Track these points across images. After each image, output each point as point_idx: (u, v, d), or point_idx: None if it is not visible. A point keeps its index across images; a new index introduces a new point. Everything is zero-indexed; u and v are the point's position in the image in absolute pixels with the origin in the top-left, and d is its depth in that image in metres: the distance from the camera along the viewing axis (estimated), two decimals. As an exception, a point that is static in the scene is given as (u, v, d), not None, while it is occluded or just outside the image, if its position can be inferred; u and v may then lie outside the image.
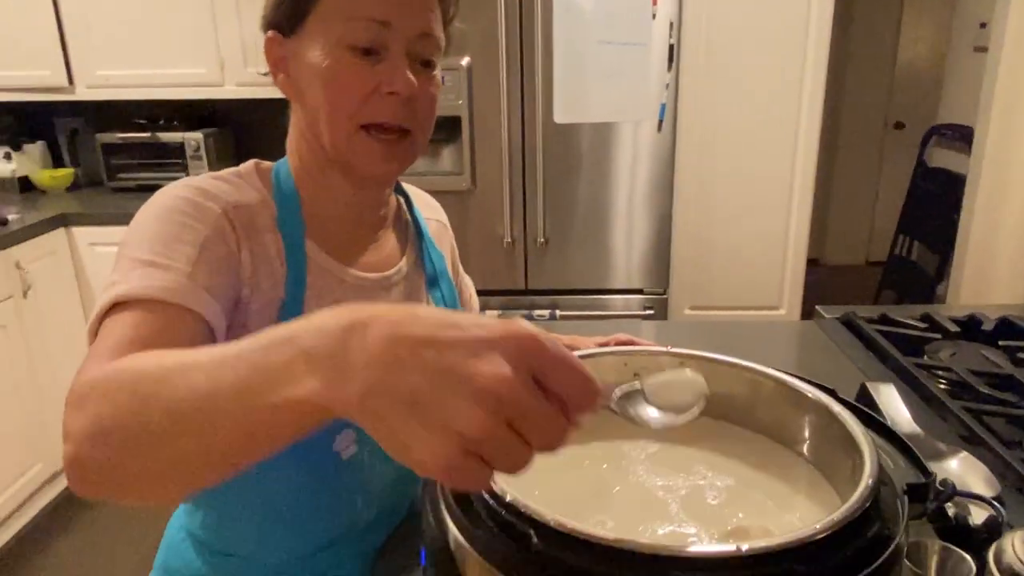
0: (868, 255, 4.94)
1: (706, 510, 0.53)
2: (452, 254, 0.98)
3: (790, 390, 0.58)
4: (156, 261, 0.62)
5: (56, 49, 2.66)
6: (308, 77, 0.71)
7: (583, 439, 0.61)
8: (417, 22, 0.71)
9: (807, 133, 2.48)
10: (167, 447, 0.44)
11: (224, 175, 0.75)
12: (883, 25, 4.50)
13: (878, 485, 0.45)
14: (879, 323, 1.36)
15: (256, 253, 0.71)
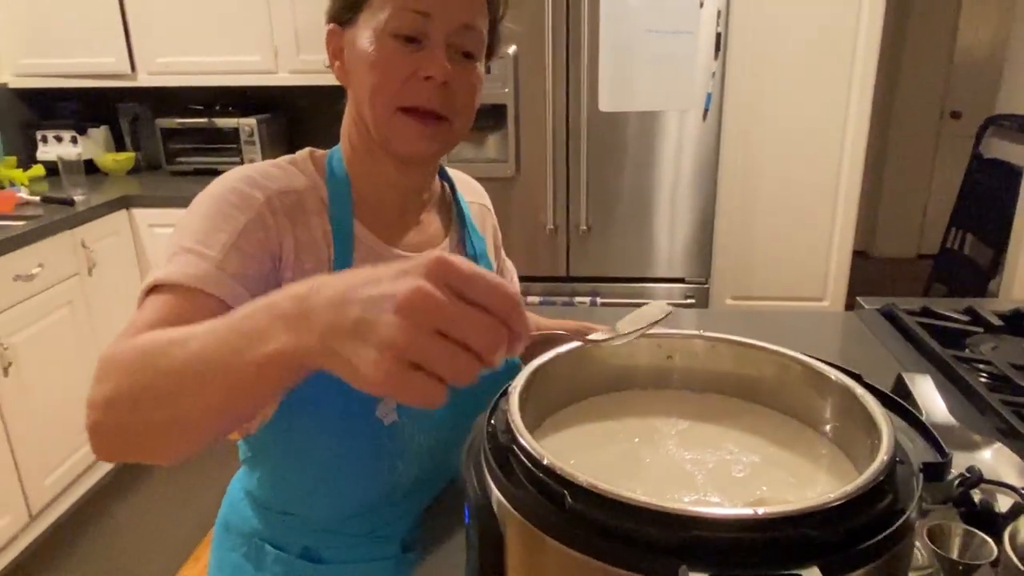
0: (919, 248, 4.83)
1: (731, 483, 0.56)
2: (495, 237, 1.02)
3: (816, 373, 0.61)
4: (194, 249, 0.69)
5: (120, 38, 2.77)
6: (357, 62, 0.77)
7: (617, 415, 0.65)
8: (457, 15, 0.75)
9: (856, 123, 2.45)
10: (169, 407, 0.52)
11: (278, 162, 0.81)
12: (942, 10, 4.38)
13: (893, 462, 0.48)
14: (920, 315, 1.36)
15: (300, 237, 0.76)
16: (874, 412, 0.53)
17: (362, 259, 0.80)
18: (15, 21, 2.81)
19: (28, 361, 2.19)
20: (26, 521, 2.22)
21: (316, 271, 0.77)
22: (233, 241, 0.71)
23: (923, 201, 4.74)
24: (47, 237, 2.27)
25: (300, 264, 0.76)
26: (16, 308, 2.15)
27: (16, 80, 2.90)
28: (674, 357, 0.67)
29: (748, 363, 0.65)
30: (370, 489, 0.83)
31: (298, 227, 0.76)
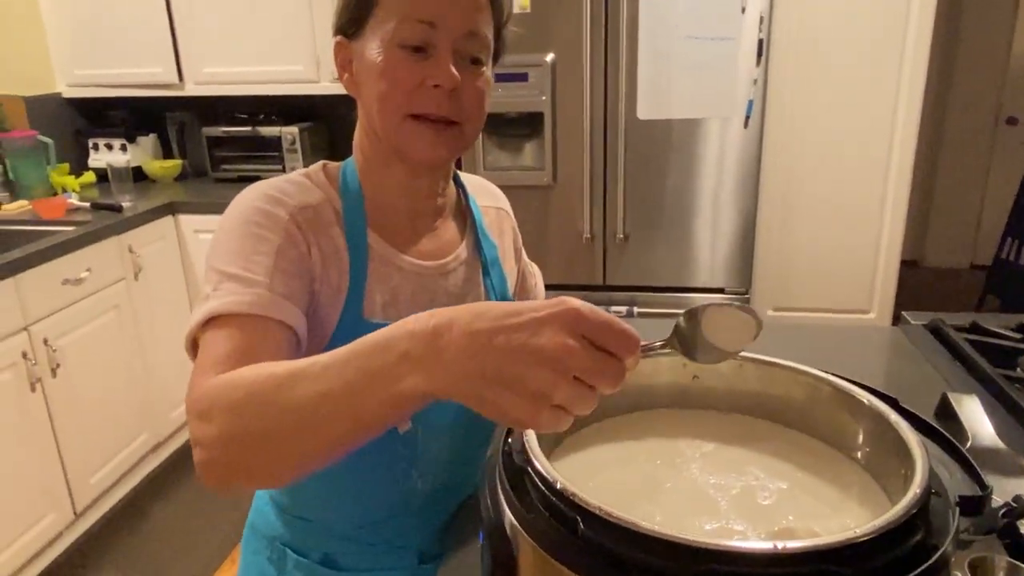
0: (973, 258, 4.67)
1: (756, 510, 0.54)
2: (514, 240, 1.02)
3: (847, 396, 0.58)
4: (239, 275, 0.70)
5: (168, 49, 2.85)
6: (366, 73, 0.78)
7: (640, 435, 0.63)
8: (462, 23, 0.75)
9: (904, 130, 2.37)
10: (289, 443, 0.55)
11: (292, 177, 0.82)
12: (997, 13, 4.23)
13: (927, 494, 0.45)
14: (968, 332, 1.31)
15: (324, 249, 0.78)
16: (908, 440, 0.50)
17: (377, 268, 0.81)
18: (69, 33, 2.91)
19: (75, 363, 2.25)
20: (71, 519, 2.29)
21: (339, 281, 0.78)
22: (274, 262, 0.72)
23: (977, 209, 4.58)
24: (95, 242, 2.33)
25: (327, 275, 0.78)
26: (64, 311, 2.21)
27: (69, 90, 3.00)
28: (700, 376, 0.64)
29: (776, 383, 0.63)
30: (386, 497, 0.83)
31: (321, 239, 0.78)
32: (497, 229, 0.97)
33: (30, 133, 2.73)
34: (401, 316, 0.80)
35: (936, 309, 1.42)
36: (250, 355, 0.65)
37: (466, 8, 0.76)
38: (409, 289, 0.83)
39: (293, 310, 0.71)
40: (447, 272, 0.87)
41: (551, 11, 2.27)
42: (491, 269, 0.92)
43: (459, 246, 0.90)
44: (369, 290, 0.80)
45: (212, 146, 3.01)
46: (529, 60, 2.33)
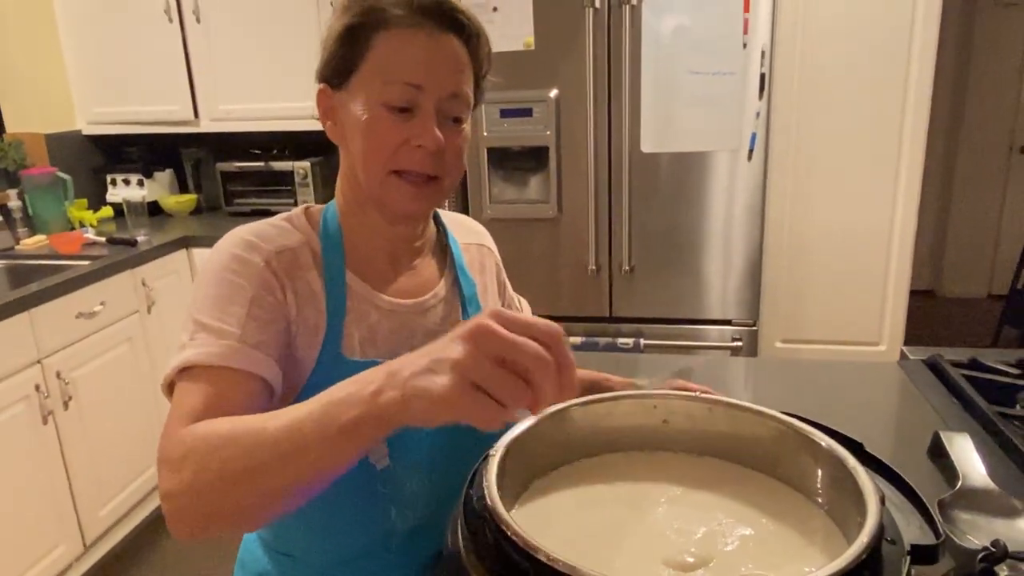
0: (990, 288, 4.61)
1: (716, 556, 0.54)
2: (497, 275, 1.03)
3: (810, 441, 0.59)
4: (213, 326, 0.73)
5: (184, 87, 2.93)
6: (351, 127, 0.80)
7: (609, 479, 0.63)
8: (447, 85, 0.78)
9: (909, 160, 2.37)
10: (262, 481, 0.58)
11: (274, 220, 0.84)
12: (1008, 43, 4.23)
13: (877, 542, 0.45)
14: (967, 367, 1.30)
15: (300, 292, 0.80)
16: (864, 487, 0.50)
17: (354, 307, 0.83)
18: (89, 73, 3.00)
19: (87, 395, 2.29)
20: (81, 551, 2.30)
21: (316, 321, 0.80)
22: (247, 311, 0.74)
23: (993, 238, 4.53)
24: (110, 276, 2.38)
25: (303, 316, 0.80)
26: (78, 345, 2.25)
27: (89, 127, 3.08)
28: (669, 421, 0.65)
29: (744, 427, 0.63)
30: (365, 535, 0.84)
31: (297, 282, 0.80)
32: (478, 266, 0.99)
33: (49, 169, 2.81)
34: (380, 354, 0.83)
35: (952, 340, 1.41)
36: (221, 407, 0.68)
37: (451, 70, 0.78)
38: (387, 327, 0.85)
39: (264, 360, 0.73)
40: (425, 310, 0.88)
41: (555, 48, 2.31)
42: (469, 306, 0.93)
43: (438, 284, 0.91)
44: (348, 329, 0.82)
45: (226, 181, 3.07)
46: (534, 96, 2.36)
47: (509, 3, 2.29)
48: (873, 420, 1.20)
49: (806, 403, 1.30)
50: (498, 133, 2.42)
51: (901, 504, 0.53)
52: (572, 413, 0.63)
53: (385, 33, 0.77)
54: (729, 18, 2.22)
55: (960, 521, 0.85)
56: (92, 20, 2.93)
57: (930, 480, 0.99)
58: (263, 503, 0.60)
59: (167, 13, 2.84)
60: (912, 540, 0.48)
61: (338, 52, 0.80)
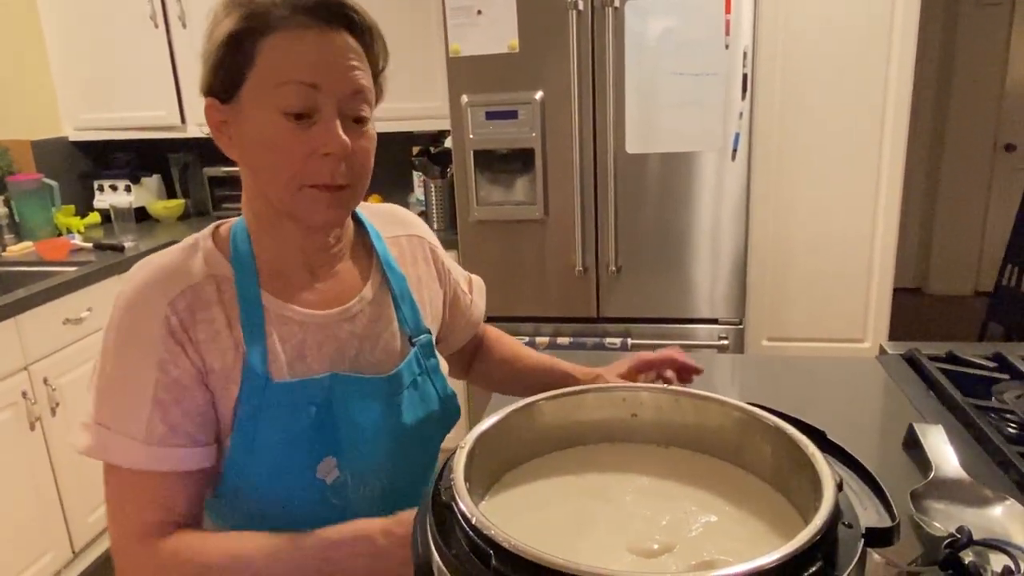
0: (976, 285, 4.65)
1: (680, 542, 0.55)
2: (434, 263, 0.99)
3: (773, 430, 0.60)
4: (117, 429, 0.74)
5: (171, 93, 2.93)
6: (249, 142, 0.75)
7: (578, 470, 0.64)
8: (346, 81, 0.74)
9: (891, 158, 2.40)
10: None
11: (174, 250, 0.80)
12: (990, 43, 4.27)
13: (829, 526, 0.47)
14: (944, 361, 1.31)
15: (200, 339, 0.76)
16: (821, 473, 0.52)
17: (276, 329, 0.80)
18: (75, 79, 3.00)
19: (75, 402, 2.29)
20: (70, 557, 2.30)
21: (223, 364, 0.77)
22: (151, 408, 0.74)
23: (979, 236, 4.57)
24: (96, 282, 2.38)
25: (208, 362, 0.77)
26: (65, 351, 2.25)
27: (76, 133, 3.08)
28: (638, 413, 0.66)
29: (711, 417, 0.64)
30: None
31: (197, 328, 0.76)
32: (410, 257, 0.95)
33: (35, 176, 2.81)
34: (311, 370, 0.81)
35: (939, 337, 1.42)
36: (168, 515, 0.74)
37: (347, 67, 0.74)
38: (315, 341, 0.82)
39: (176, 453, 0.74)
40: (352, 316, 0.85)
41: (539, 51, 2.33)
42: (402, 302, 0.90)
43: (364, 286, 0.88)
44: (272, 352, 0.79)
45: (214, 186, 3.07)
46: (519, 98, 2.38)
47: (493, 6, 2.31)
48: (851, 413, 1.22)
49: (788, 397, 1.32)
50: (484, 136, 2.43)
51: (861, 490, 0.54)
52: (541, 407, 0.64)
53: (271, 38, 0.72)
54: (711, 19, 2.24)
55: (932, 510, 0.87)
56: (77, 26, 2.93)
57: (904, 471, 1.00)
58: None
59: (152, 18, 2.84)
60: (869, 523, 0.49)
61: (223, 62, 0.74)
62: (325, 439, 0.80)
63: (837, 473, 0.52)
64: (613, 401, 0.67)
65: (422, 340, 0.91)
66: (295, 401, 0.79)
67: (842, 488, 0.52)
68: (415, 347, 0.90)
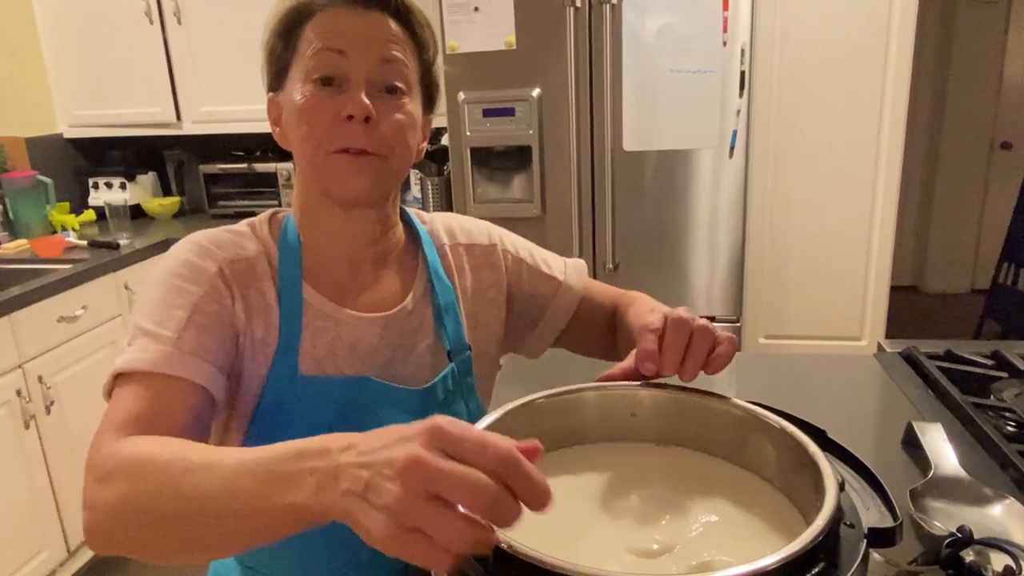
0: (973, 282, 4.65)
1: (680, 543, 0.54)
2: (509, 269, 0.96)
3: (773, 429, 0.59)
4: (150, 330, 0.70)
5: (167, 90, 2.92)
6: (289, 118, 0.78)
7: (576, 470, 0.64)
8: (374, 49, 0.76)
9: (888, 156, 2.40)
10: (188, 530, 0.54)
11: (234, 227, 0.82)
12: (987, 42, 4.28)
13: (832, 527, 0.46)
14: (942, 359, 1.31)
15: (251, 303, 0.77)
16: (824, 472, 0.51)
17: (313, 322, 0.79)
18: (70, 75, 2.99)
19: (69, 400, 2.27)
20: (65, 556, 2.29)
21: (266, 337, 0.77)
22: (188, 316, 0.71)
23: (975, 234, 4.58)
24: (91, 280, 2.37)
25: (251, 330, 0.77)
26: (59, 349, 2.24)
27: (70, 130, 3.07)
28: (637, 413, 0.65)
29: (711, 416, 0.64)
30: (333, 550, 0.82)
31: (250, 293, 0.77)
32: (468, 268, 0.93)
33: (30, 173, 2.79)
34: (340, 369, 0.80)
35: (935, 335, 1.42)
36: (156, 416, 0.66)
37: (377, 35, 0.76)
38: (348, 342, 0.81)
39: (202, 367, 0.70)
40: (390, 324, 0.84)
41: (536, 47, 2.32)
42: (445, 315, 0.88)
43: (406, 296, 0.87)
44: (304, 345, 0.79)
45: (209, 183, 3.06)
46: (516, 95, 2.37)
47: (490, 3, 2.30)
48: (849, 411, 1.21)
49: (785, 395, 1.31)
50: (481, 133, 2.42)
51: (862, 489, 0.54)
52: (539, 406, 0.64)
53: (311, 20, 0.77)
54: (709, 16, 2.23)
55: (931, 509, 0.86)
56: (72, 22, 2.91)
57: (904, 469, 1.00)
58: (178, 549, 0.56)
59: (148, 15, 2.83)
60: (871, 523, 0.49)
61: (274, 55, 0.80)
62: None
63: (839, 472, 0.51)
64: (612, 400, 0.66)
65: (461, 357, 0.89)
66: (320, 398, 0.78)
67: (844, 488, 0.52)
68: (453, 363, 0.87)
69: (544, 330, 1.00)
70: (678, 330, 0.67)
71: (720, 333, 0.69)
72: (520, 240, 1.02)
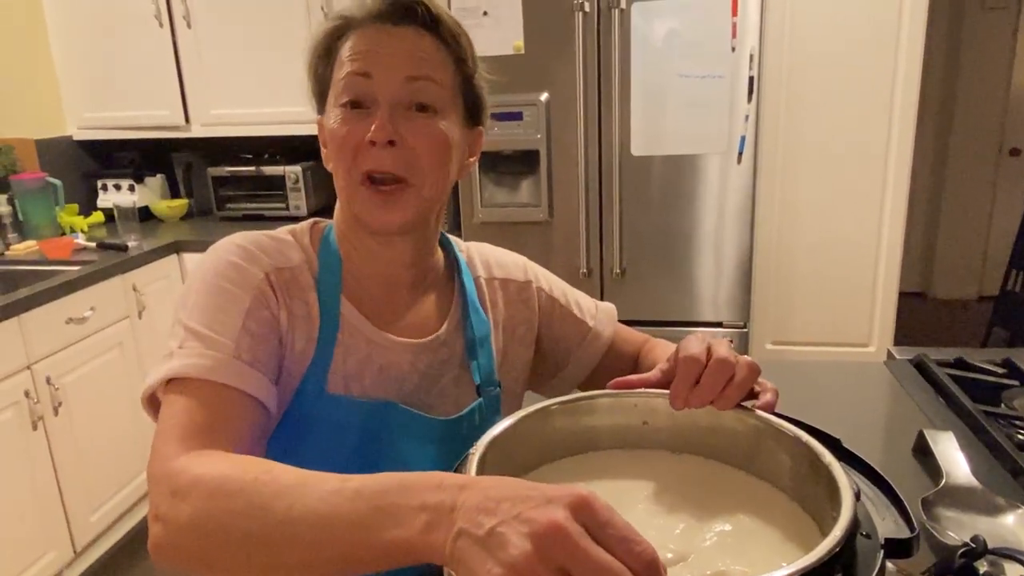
0: (981, 289, 4.63)
1: (695, 552, 0.54)
2: (542, 309, 0.95)
3: (787, 437, 0.59)
4: (205, 335, 0.68)
5: (175, 92, 2.93)
6: (327, 142, 0.78)
7: (588, 477, 0.64)
8: (400, 68, 0.74)
9: (897, 162, 2.39)
10: (272, 553, 0.52)
11: (276, 234, 0.80)
12: (996, 47, 4.26)
13: (849, 537, 0.46)
14: (953, 367, 1.30)
15: (294, 312, 0.75)
16: (839, 482, 0.51)
17: (346, 339, 0.78)
18: (80, 78, 3.00)
19: (77, 401, 2.28)
20: (71, 557, 2.29)
21: (305, 347, 0.75)
22: (242, 323, 0.70)
23: (983, 240, 4.56)
24: (100, 281, 2.37)
25: (292, 341, 0.75)
26: (67, 350, 2.25)
27: (79, 132, 3.08)
28: (650, 421, 0.65)
29: (724, 424, 0.64)
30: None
31: (293, 302, 0.76)
32: (503, 303, 0.91)
33: (39, 175, 2.81)
34: (365, 392, 0.78)
35: (943, 341, 1.41)
36: (222, 428, 0.64)
37: (404, 52, 0.74)
38: (378, 364, 0.79)
39: (259, 379, 0.68)
40: (422, 350, 0.82)
41: (545, 51, 2.32)
42: (480, 349, 0.86)
43: (441, 324, 0.85)
44: (335, 362, 0.77)
45: (218, 186, 3.06)
46: (524, 99, 2.37)
47: (499, 7, 2.30)
48: (859, 419, 1.21)
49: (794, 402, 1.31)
50: (489, 137, 2.37)
51: (877, 499, 0.54)
52: (553, 412, 0.64)
53: (346, 40, 0.77)
54: (717, 22, 2.23)
55: (943, 518, 0.86)
56: (82, 25, 2.93)
57: (915, 478, 0.99)
58: (259, 572, 0.53)
59: (157, 17, 2.84)
60: (887, 534, 0.48)
61: (315, 77, 0.80)
62: (364, 469, 0.73)
63: (855, 482, 0.51)
64: (625, 407, 0.66)
65: (491, 393, 0.86)
66: (344, 420, 0.76)
67: (859, 498, 0.51)
68: (482, 397, 0.85)
69: (568, 375, 0.98)
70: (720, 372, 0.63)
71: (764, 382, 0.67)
72: (554, 279, 1.00)
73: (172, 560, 0.57)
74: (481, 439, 0.57)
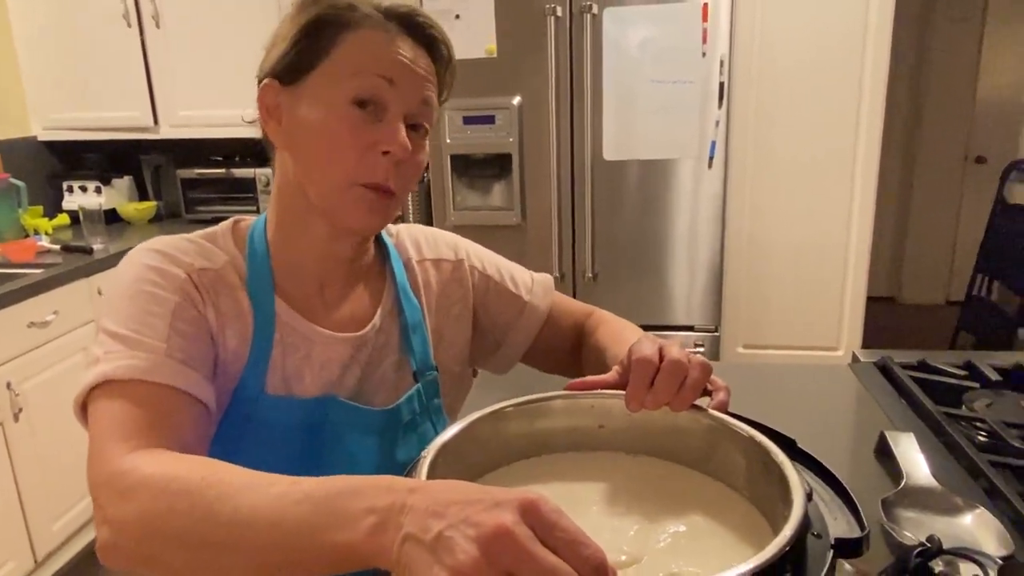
0: (948, 294, 4.71)
1: (648, 553, 0.53)
2: (476, 285, 0.94)
3: (741, 438, 0.59)
4: (132, 338, 0.65)
5: (144, 93, 2.88)
6: (303, 130, 0.72)
7: (544, 479, 0.63)
8: (419, 87, 0.74)
9: (864, 167, 2.42)
10: (217, 555, 0.51)
11: (194, 237, 0.77)
12: (962, 57, 4.35)
13: (799, 537, 0.46)
14: (916, 369, 1.32)
15: (223, 311, 0.73)
16: (791, 482, 0.51)
17: (284, 339, 0.76)
18: (46, 77, 2.94)
19: (38, 407, 2.23)
20: (31, 567, 2.24)
21: (238, 347, 0.73)
22: (170, 323, 0.67)
23: (950, 246, 4.64)
24: (63, 285, 2.33)
25: (224, 340, 0.73)
26: (29, 355, 2.20)
27: (45, 133, 3.02)
28: (606, 424, 0.65)
29: (680, 425, 0.63)
30: None
31: (221, 300, 0.73)
32: (435, 285, 0.91)
33: (2, 176, 2.75)
34: (306, 391, 0.77)
35: (911, 345, 1.43)
36: (162, 428, 0.62)
37: (423, 72, 0.74)
38: (318, 361, 0.78)
39: (195, 377, 0.67)
40: (360, 343, 0.81)
41: (517, 56, 2.32)
42: (414, 334, 0.85)
43: (374, 314, 0.84)
44: (274, 362, 0.75)
45: (187, 188, 3.03)
46: (496, 103, 2.37)
47: (471, 10, 2.30)
48: (823, 421, 1.21)
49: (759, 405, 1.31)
50: (461, 140, 2.42)
51: (831, 499, 0.54)
52: (507, 414, 0.63)
53: (353, 33, 0.72)
54: (688, 28, 2.25)
55: (903, 519, 0.86)
56: (49, 24, 2.88)
57: (876, 479, 1.00)
58: (206, 574, 0.53)
59: (126, 17, 2.80)
60: (838, 534, 0.48)
61: (297, 46, 0.73)
62: (308, 466, 0.72)
63: (807, 482, 0.51)
64: (581, 409, 0.65)
65: (428, 377, 0.86)
66: (285, 420, 0.75)
67: (811, 497, 0.51)
68: (419, 383, 0.85)
69: (507, 351, 0.98)
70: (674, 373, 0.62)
71: (717, 380, 0.66)
72: (487, 254, 0.99)
73: (120, 562, 0.56)
74: (432, 443, 0.56)
